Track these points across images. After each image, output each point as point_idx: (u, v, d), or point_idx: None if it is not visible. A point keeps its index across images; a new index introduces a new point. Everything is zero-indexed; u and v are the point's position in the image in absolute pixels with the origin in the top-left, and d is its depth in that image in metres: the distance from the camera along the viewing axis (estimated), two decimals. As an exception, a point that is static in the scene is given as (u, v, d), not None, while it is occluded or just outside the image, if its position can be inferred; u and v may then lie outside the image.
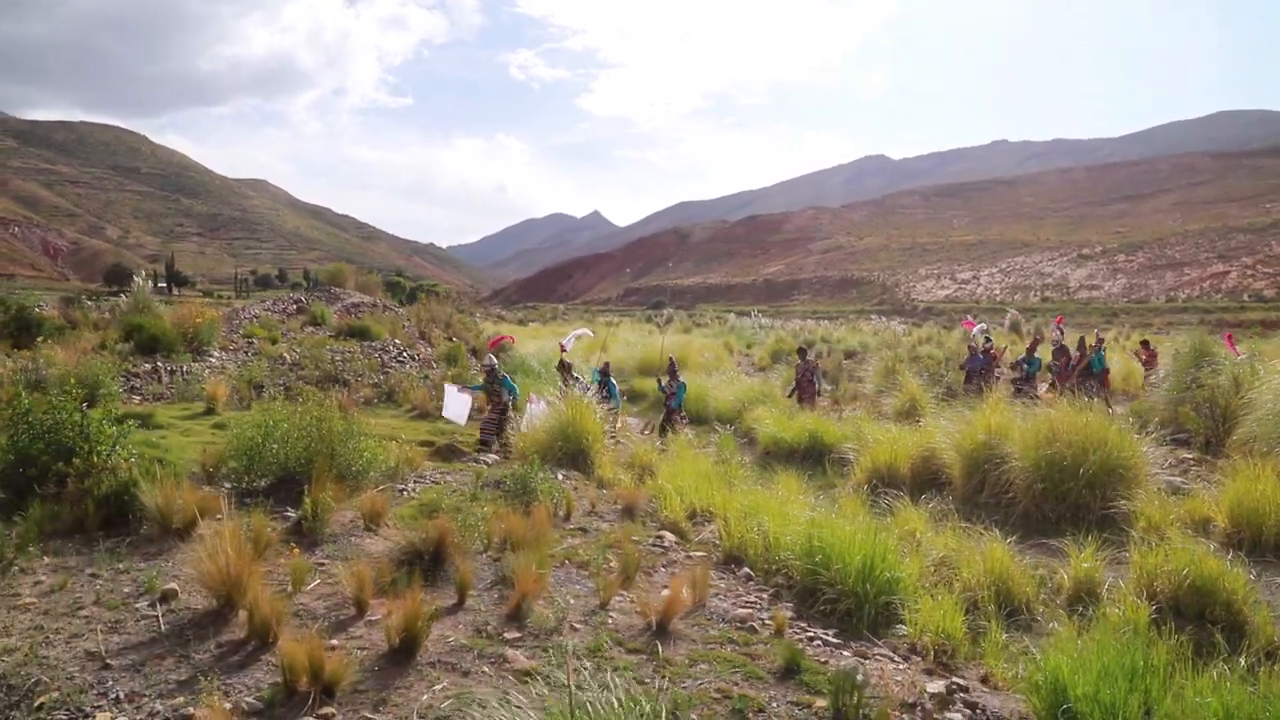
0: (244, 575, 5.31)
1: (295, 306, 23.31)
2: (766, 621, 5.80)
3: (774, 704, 4.53)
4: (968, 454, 10.85)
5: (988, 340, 20.18)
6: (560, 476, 9.91)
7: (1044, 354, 20.15)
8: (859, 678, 4.39)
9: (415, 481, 9.35)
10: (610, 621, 5.57)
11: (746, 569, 7.24)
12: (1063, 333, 20.85)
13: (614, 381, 16.32)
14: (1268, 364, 13.14)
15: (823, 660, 5.19)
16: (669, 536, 8.06)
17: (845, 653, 5.36)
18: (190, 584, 5.64)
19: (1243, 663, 4.91)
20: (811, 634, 5.69)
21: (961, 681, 4.99)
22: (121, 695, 4.29)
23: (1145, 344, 21.28)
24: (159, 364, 15.44)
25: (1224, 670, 4.62)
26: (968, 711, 4.62)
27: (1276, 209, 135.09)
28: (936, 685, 4.80)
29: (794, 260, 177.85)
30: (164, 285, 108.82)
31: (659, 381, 16.96)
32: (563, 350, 17.19)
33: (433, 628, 5.09)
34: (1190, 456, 12.22)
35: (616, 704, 3.54)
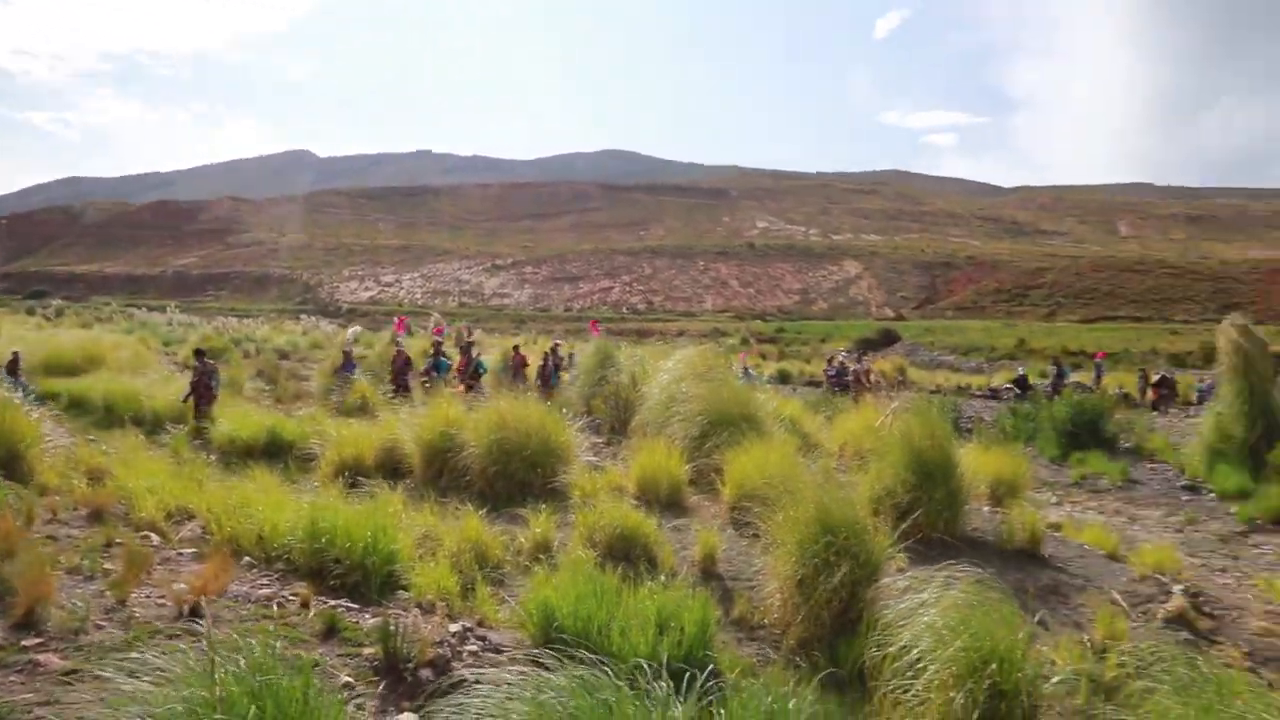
0: None
1: None
2: (290, 598, 6.21)
3: (328, 658, 5.10)
4: (427, 444, 11.97)
5: (398, 343, 23.72)
6: (-9, 484, 8.77)
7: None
8: (396, 627, 5.19)
9: None
10: (138, 615, 5.49)
11: (248, 558, 7.42)
12: (441, 340, 24.97)
13: None
14: (653, 365, 16.62)
15: (354, 621, 5.83)
16: (154, 536, 7.82)
17: (368, 615, 6.05)
18: None
19: (663, 579, 6.75)
20: (333, 604, 6.23)
21: (468, 624, 6.03)
22: None
23: (516, 349, 25.08)
24: None
25: (651, 587, 6.34)
26: (481, 642, 5.69)
27: (648, 236, 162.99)
28: (455, 627, 5.78)
29: (210, 253, 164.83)
30: None
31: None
32: None
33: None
34: (602, 440, 14.97)
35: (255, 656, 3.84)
